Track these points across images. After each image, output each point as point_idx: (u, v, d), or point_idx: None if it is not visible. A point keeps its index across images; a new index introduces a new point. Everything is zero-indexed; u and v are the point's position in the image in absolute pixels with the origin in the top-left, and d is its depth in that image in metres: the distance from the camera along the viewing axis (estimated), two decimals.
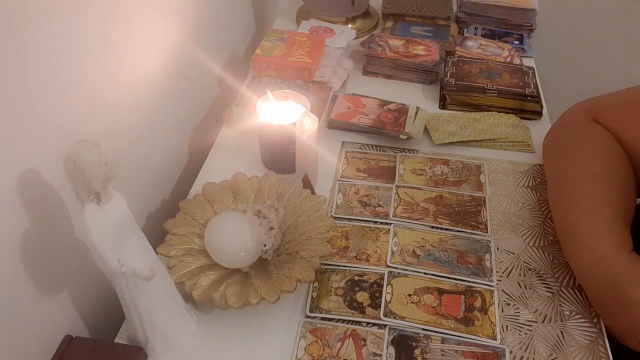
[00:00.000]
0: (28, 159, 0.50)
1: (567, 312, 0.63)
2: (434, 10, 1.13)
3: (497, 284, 0.66)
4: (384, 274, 0.66)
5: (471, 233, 0.72)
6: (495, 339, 0.60)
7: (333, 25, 1.06)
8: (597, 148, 0.68)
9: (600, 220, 0.62)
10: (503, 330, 0.61)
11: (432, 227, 0.72)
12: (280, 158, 0.78)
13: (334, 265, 0.67)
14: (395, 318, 0.62)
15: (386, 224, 0.73)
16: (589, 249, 0.61)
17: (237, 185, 0.71)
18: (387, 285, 0.65)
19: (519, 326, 0.62)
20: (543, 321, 0.62)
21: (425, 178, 0.79)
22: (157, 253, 0.57)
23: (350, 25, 1.11)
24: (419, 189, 0.77)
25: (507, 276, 0.67)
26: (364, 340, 0.60)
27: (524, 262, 0.69)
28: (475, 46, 1.03)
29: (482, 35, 1.08)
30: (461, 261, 0.68)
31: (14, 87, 0.47)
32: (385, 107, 0.89)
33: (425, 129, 0.86)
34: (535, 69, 0.98)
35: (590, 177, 0.65)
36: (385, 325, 0.61)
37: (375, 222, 0.73)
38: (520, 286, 0.66)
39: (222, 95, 1.00)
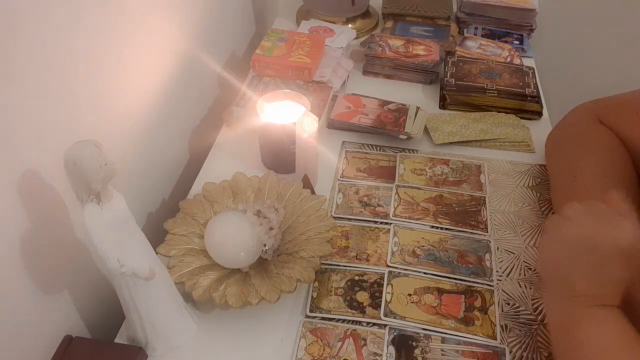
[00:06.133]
0: (28, 159, 0.50)
1: None
2: (434, 10, 1.13)
3: (497, 284, 0.66)
4: (384, 273, 0.66)
5: (471, 233, 0.72)
6: (496, 339, 0.60)
7: (333, 25, 1.06)
8: (605, 149, 0.68)
9: None
10: (503, 330, 0.61)
11: (432, 227, 0.72)
12: (280, 158, 0.78)
13: (334, 265, 0.68)
14: (395, 318, 0.62)
15: (386, 223, 0.73)
16: None
17: (237, 185, 0.71)
18: (387, 285, 0.65)
19: (519, 326, 0.62)
20: (543, 321, 0.62)
21: (425, 178, 0.79)
22: (157, 253, 0.57)
23: (350, 25, 1.11)
24: (419, 188, 0.77)
25: (507, 276, 0.67)
26: (364, 340, 0.60)
27: (524, 262, 0.69)
28: (475, 46, 1.03)
29: (482, 35, 1.08)
30: (461, 261, 0.68)
31: (14, 87, 0.47)
32: (385, 107, 0.89)
33: (425, 129, 0.86)
34: (535, 69, 0.98)
35: (601, 178, 0.65)
36: (385, 325, 0.61)
37: (375, 222, 0.73)
38: (520, 286, 0.66)
39: (222, 95, 1.00)
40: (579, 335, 0.51)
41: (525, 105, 0.90)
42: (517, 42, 1.07)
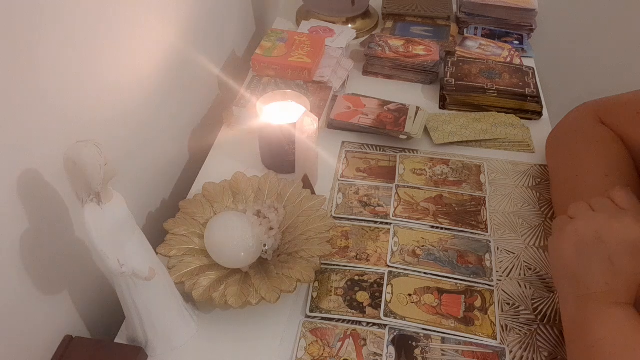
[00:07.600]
0: (28, 159, 0.50)
1: None
2: (434, 10, 1.13)
3: (497, 284, 0.66)
4: (384, 273, 0.66)
5: (471, 233, 0.72)
6: (496, 339, 0.60)
7: (333, 25, 1.06)
8: (606, 149, 0.68)
9: None
10: (503, 330, 0.61)
11: (432, 227, 0.72)
12: (280, 158, 0.78)
13: (334, 265, 0.68)
14: (395, 318, 0.62)
15: (386, 223, 0.73)
16: None
17: (237, 185, 0.71)
18: (387, 285, 0.65)
19: (519, 326, 0.62)
20: (543, 321, 0.62)
21: (425, 178, 0.79)
22: (157, 253, 0.57)
23: (350, 25, 1.11)
24: (419, 188, 0.77)
25: (507, 276, 0.67)
26: (364, 340, 0.60)
27: (524, 261, 0.69)
28: (475, 46, 1.03)
29: (482, 36, 1.08)
30: (461, 261, 0.68)
31: (14, 87, 0.47)
32: (385, 107, 0.89)
33: (425, 129, 0.86)
34: (535, 69, 0.98)
35: (602, 177, 0.65)
36: (385, 325, 0.61)
37: (375, 222, 0.73)
38: (520, 286, 0.66)
39: (222, 96, 1.00)
40: (592, 334, 0.50)
41: (525, 105, 0.90)
42: (517, 42, 1.07)
